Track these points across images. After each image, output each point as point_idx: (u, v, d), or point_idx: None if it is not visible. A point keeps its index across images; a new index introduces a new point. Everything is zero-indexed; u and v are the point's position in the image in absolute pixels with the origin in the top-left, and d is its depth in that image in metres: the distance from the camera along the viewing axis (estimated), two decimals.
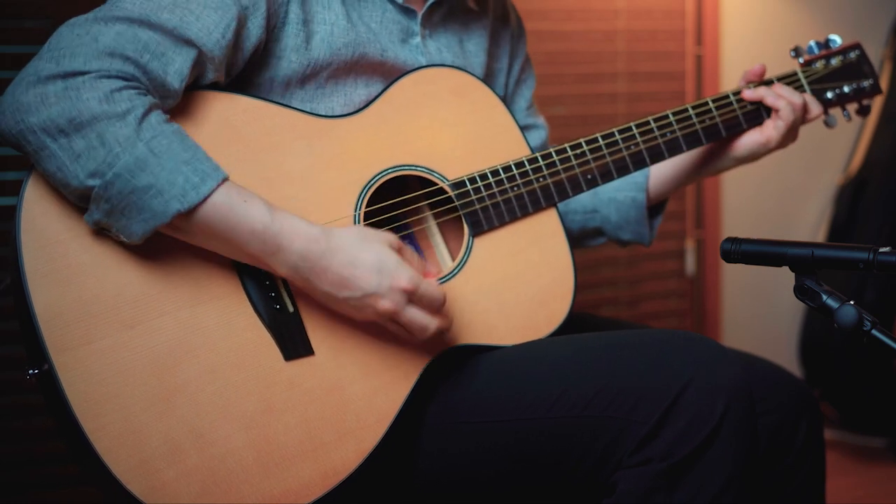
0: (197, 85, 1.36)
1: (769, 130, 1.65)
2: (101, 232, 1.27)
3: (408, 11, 1.53)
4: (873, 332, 1.14)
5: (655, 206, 1.78)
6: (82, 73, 1.22)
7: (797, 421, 1.58)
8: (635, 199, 1.74)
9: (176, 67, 1.29)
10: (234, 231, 1.26)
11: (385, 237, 1.32)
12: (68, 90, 1.21)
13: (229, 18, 1.33)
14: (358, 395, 1.35)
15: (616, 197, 1.75)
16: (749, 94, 1.66)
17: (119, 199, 1.22)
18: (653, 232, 1.78)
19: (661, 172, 1.73)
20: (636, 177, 1.73)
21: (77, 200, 1.25)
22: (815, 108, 1.68)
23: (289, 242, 1.27)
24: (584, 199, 1.78)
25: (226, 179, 1.26)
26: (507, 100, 1.75)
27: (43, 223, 1.26)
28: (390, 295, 1.29)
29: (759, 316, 3.18)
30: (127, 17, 1.27)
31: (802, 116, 1.67)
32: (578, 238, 1.82)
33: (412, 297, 1.30)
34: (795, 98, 1.65)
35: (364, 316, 1.32)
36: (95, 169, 1.21)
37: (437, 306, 1.33)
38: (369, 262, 1.29)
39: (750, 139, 1.66)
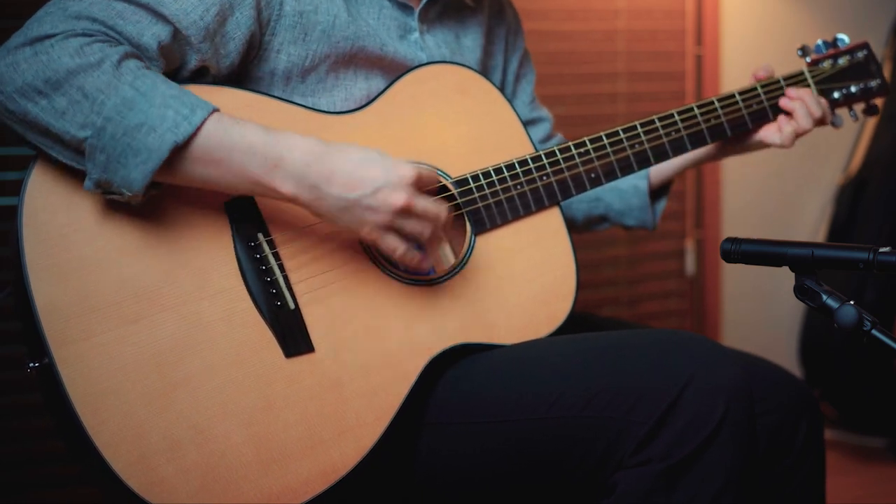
0: (196, 80, 1.35)
1: (773, 136, 1.67)
2: (105, 196, 1.26)
3: (405, 7, 1.53)
4: (873, 332, 1.14)
5: (659, 190, 1.78)
6: (50, 36, 1.22)
7: (797, 421, 1.58)
8: (637, 186, 1.74)
9: (153, 32, 1.28)
10: (232, 154, 1.24)
11: (377, 150, 1.33)
12: (38, 54, 1.21)
13: (209, 3, 1.32)
14: (358, 393, 1.34)
15: (618, 185, 1.75)
16: (786, 103, 1.67)
17: (113, 145, 1.21)
18: (656, 216, 1.78)
19: (659, 165, 1.73)
20: None
21: (73, 161, 1.24)
22: (824, 114, 1.69)
23: (289, 151, 1.26)
24: None
25: (216, 110, 1.25)
26: (507, 96, 1.75)
27: (45, 217, 1.26)
28: (401, 184, 1.28)
29: (759, 316, 3.18)
30: None
31: (819, 125, 1.69)
32: (584, 224, 1.83)
33: (418, 183, 1.30)
34: (816, 109, 1.66)
35: (376, 221, 1.29)
36: (84, 120, 1.21)
37: (435, 190, 1.34)
38: (372, 157, 1.29)
39: (752, 138, 1.69)
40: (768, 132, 1.67)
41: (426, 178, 1.32)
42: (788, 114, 1.67)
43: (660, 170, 1.75)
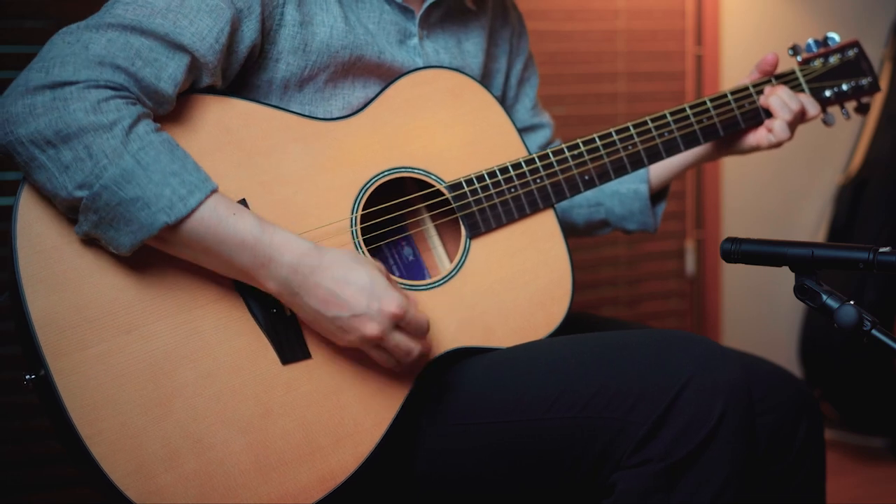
0: (192, 89, 1.35)
1: (763, 138, 1.66)
2: (90, 245, 1.27)
3: (406, 11, 1.53)
4: (873, 332, 1.14)
5: (658, 193, 1.78)
6: (71, 84, 1.22)
7: (797, 421, 1.58)
8: (637, 190, 1.74)
9: (169, 73, 1.28)
10: (223, 244, 1.25)
11: (375, 262, 1.31)
12: (56, 101, 1.21)
13: (223, 23, 1.32)
14: (355, 399, 1.34)
15: (619, 190, 1.75)
16: (763, 100, 1.67)
17: (107, 211, 1.22)
18: (657, 219, 1.78)
19: (658, 168, 1.74)
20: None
21: (67, 211, 1.25)
22: (812, 108, 1.68)
23: (279, 255, 1.26)
24: (588, 192, 1.78)
25: (215, 191, 1.26)
26: (509, 100, 1.75)
27: (39, 228, 1.26)
28: (378, 318, 1.27)
29: (759, 316, 3.18)
30: (119, 24, 1.26)
31: (800, 118, 1.67)
32: (585, 229, 1.83)
33: (400, 322, 1.29)
34: (792, 102, 1.65)
35: (347, 339, 1.30)
36: (83, 181, 1.21)
37: (422, 332, 1.32)
38: (361, 282, 1.27)
39: (744, 140, 1.69)
40: (759, 135, 1.67)
41: (412, 318, 1.30)
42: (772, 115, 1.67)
43: (659, 173, 1.75)
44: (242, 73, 1.41)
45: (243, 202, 1.34)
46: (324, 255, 1.28)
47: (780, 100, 1.64)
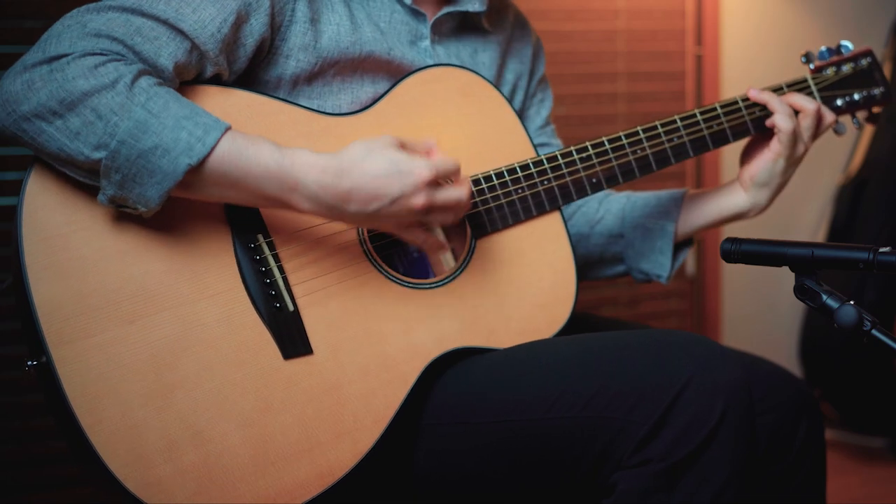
0: (200, 80, 1.35)
1: (774, 144, 1.60)
2: (118, 210, 1.26)
3: (417, 14, 1.53)
4: (873, 332, 1.14)
5: (681, 242, 1.72)
6: (66, 55, 1.22)
7: (797, 421, 1.58)
8: (665, 227, 1.68)
9: (169, 51, 1.28)
10: (248, 176, 1.25)
11: (386, 139, 1.32)
12: (53, 72, 1.21)
13: (227, 13, 1.32)
14: (356, 395, 1.34)
15: (645, 224, 1.71)
16: (754, 94, 1.62)
17: (128, 167, 1.21)
18: (675, 265, 1.71)
19: (690, 213, 1.69)
20: (668, 207, 1.69)
21: (88, 178, 1.25)
22: (828, 116, 1.63)
23: (304, 175, 1.27)
24: (611, 224, 1.73)
25: (229, 129, 1.26)
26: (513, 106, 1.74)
27: (44, 216, 1.26)
28: (418, 191, 1.29)
29: (759, 316, 3.18)
30: (120, 6, 1.27)
31: (816, 126, 1.61)
32: (593, 264, 1.77)
33: (436, 178, 1.31)
34: (806, 103, 1.60)
35: (402, 221, 1.32)
36: (98, 142, 1.21)
37: (457, 173, 1.34)
38: (384, 168, 1.28)
39: (763, 160, 1.62)
40: (769, 147, 1.61)
41: (443, 169, 1.33)
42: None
43: (688, 222, 1.69)
44: (252, 68, 1.41)
45: None
46: (342, 159, 1.29)
47: (777, 100, 1.60)
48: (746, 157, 1.67)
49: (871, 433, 3.03)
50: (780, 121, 1.59)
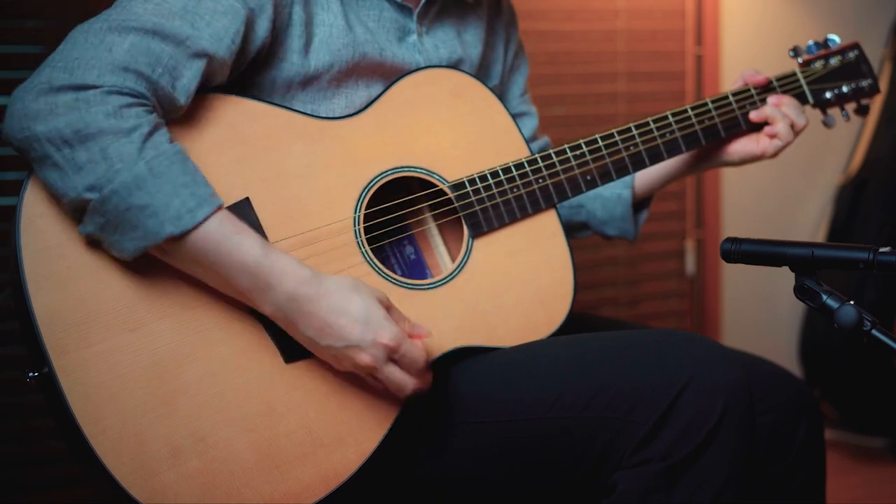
0: (199, 88, 1.36)
1: (765, 144, 1.65)
2: (93, 243, 1.27)
3: (404, 9, 1.53)
4: (873, 332, 1.14)
5: (640, 202, 1.78)
6: (94, 87, 1.22)
7: (797, 421, 1.58)
8: (621, 195, 1.73)
9: (184, 82, 1.29)
10: (224, 263, 1.25)
11: (376, 291, 1.30)
12: (79, 101, 1.21)
13: (238, 23, 1.33)
14: (358, 398, 1.34)
15: (602, 193, 1.75)
16: (755, 115, 1.65)
17: (114, 215, 1.22)
18: (637, 228, 1.77)
19: (647, 170, 1.73)
20: None
21: (72, 213, 1.25)
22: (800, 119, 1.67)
23: (278, 282, 1.26)
24: None
25: (221, 207, 1.26)
26: (502, 88, 1.75)
27: (43, 225, 1.26)
28: (371, 349, 1.26)
29: (759, 316, 3.18)
30: (141, 28, 1.27)
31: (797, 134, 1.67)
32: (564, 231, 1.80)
33: (393, 354, 1.28)
34: (800, 120, 1.65)
35: (342, 366, 1.30)
36: (94, 182, 1.21)
37: (417, 368, 1.29)
38: (356, 312, 1.27)
39: (745, 148, 1.67)
40: (763, 143, 1.66)
41: (409, 353, 1.28)
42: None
43: (646, 183, 1.74)
44: (246, 70, 1.41)
45: (247, 200, 1.34)
46: (322, 283, 1.28)
47: (780, 114, 1.64)
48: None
49: (870, 433, 3.03)
50: (782, 130, 1.64)
